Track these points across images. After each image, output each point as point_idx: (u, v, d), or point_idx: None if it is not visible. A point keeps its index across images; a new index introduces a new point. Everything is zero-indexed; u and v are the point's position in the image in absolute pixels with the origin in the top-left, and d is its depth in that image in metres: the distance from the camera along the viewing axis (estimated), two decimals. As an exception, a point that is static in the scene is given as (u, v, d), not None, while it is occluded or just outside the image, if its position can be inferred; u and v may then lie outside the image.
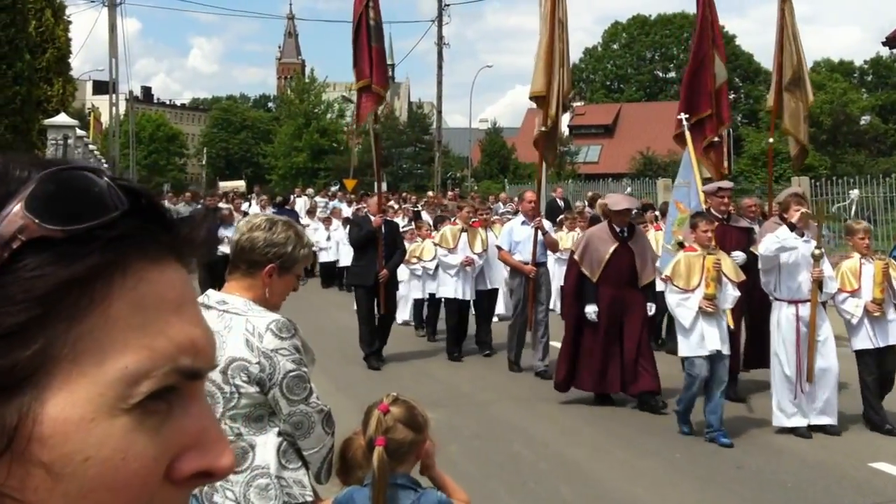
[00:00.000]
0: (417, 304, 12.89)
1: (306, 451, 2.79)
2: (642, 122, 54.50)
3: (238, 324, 2.74)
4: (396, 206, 19.61)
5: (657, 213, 13.30)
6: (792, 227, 7.23)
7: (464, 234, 10.88)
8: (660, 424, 7.69)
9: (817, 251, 7.17)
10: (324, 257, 18.95)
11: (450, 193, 26.11)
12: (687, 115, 10.67)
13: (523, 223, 10.14)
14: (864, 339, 7.46)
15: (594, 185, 29.76)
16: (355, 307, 13.80)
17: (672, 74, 72.07)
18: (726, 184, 9.16)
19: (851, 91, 55.95)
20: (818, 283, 7.17)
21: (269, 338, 2.71)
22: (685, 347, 7.23)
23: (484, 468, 6.45)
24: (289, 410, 2.72)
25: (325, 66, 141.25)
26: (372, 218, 10.48)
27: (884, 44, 19.49)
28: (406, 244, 11.56)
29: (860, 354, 7.51)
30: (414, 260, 12.17)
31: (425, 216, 17.51)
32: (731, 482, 6.23)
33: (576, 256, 8.61)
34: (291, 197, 25.90)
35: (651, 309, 8.47)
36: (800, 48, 10.20)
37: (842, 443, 7.07)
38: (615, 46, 71.35)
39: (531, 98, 10.22)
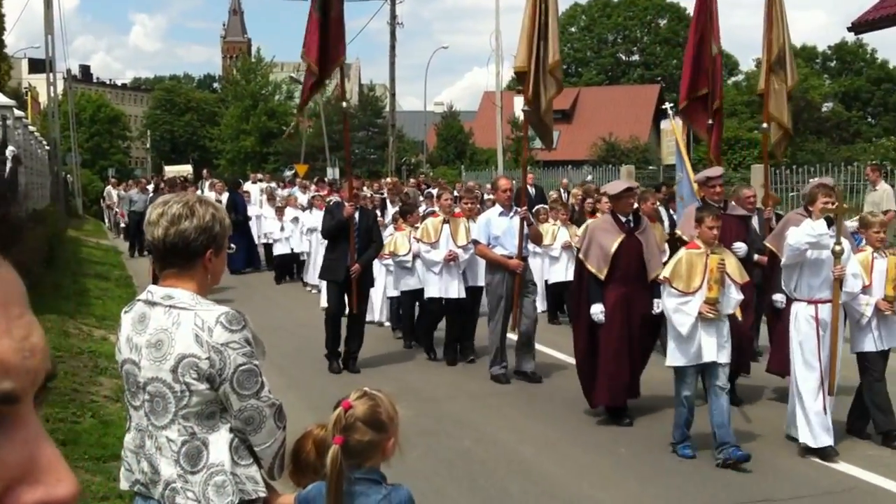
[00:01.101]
0: (394, 302, 12.36)
1: (258, 447, 2.81)
2: (603, 107, 54.92)
3: (187, 319, 2.75)
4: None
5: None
6: (830, 223, 6.77)
7: (446, 226, 10.41)
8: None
9: (838, 247, 6.74)
10: (278, 249, 18.35)
11: (411, 181, 25.81)
12: (672, 105, 10.77)
13: (501, 214, 9.57)
14: (870, 342, 7.23)
15: (553, 172, 30.02)
16: (322, 304, 13.63)
17: (636, 57, 72.75)
18: (714, 171, 8.74)
19: (813, 77, 56.90)
20: (839, 282, 6.82)
21: (220, 331, 2.72)
22: (677, 357, 6.80)
23: (433, 465, 6.73)
24: (239, 406, 2.75)
25: (272, 45, 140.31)
26: (346, 206, 9.83)
27: (849, 29, 19.83)
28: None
29: (864, 357, 7.27)
30: (387, 255, 11.54)
31: (389, 206, 16.62)
32: (674, 476, 6.60)
33: (580, 255, 8.14)
34: (243, 182, 25.52)
35: (657, 306, 7.77)
36: (787, 27, 10.03)
37: (785, 439, 7.43)
38: (573, 29, 71.75)
39: (516, 74, 9.80)
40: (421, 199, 17.69)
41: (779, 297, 8.04)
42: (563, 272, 12.75)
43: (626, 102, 55.68)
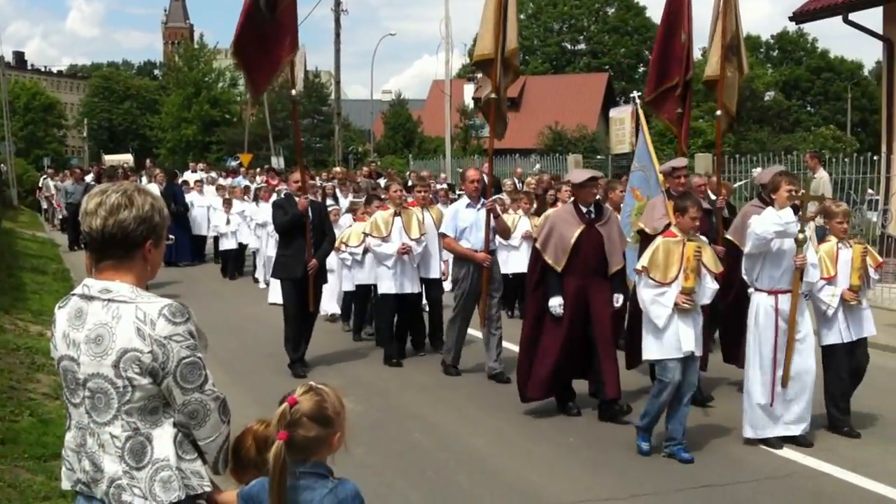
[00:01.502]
0: (347, 296, 12.02)
1: (202, 441, 2.80)
2: (550, 96, 55.25)
3: (127, 312, 2.71)
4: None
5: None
6: (796, 210, 6.73)
7: (397, 219, 10.11)
8: (555, 408, 8.08)
9: (801, 236, 6.74)
10: (224, 244, 17.81)
11: (364, 169, 25.49)
12: (640, 94, 10.64)
13: (468, 206, 9.39)
14: (836, 334, 7.20)
15: (501, 160, 30.11)
16: (270, 300, 13.32)
17: (581, 46, 73.27)
18: (680, 162, 8.75)
19: (756, 66, 57.92)
20: (800, 272, 6.83)
21: (163, 324, 2.69)
22: (657, 350, 6.71)
23: (382, 458, 6.75)
24: (183, 400, 2.73)
25: (215, 30, 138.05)
26: (297, 199, 9.52)
27: (790, 19, 20.31)
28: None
29: (830, 350, 7.23)
30: (343, 247, 11.20)
31: (340, 196, 16.13)
32: (622, 465, 6.70)
33: (538, 244, 7.93)
34: (180, 174, 25.06)
35: (618, 301, 7.82)
36: (738, 14, 9.83)
37: (730, 427, 7.59)
38: (521, 16, 72.09)
39: (475, 63, 9.53)
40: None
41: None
42: (523, 263, 12.55)
43: (573, 91, 56.11)
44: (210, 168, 28.04)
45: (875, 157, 14.70)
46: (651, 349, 6.75)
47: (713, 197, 9.45)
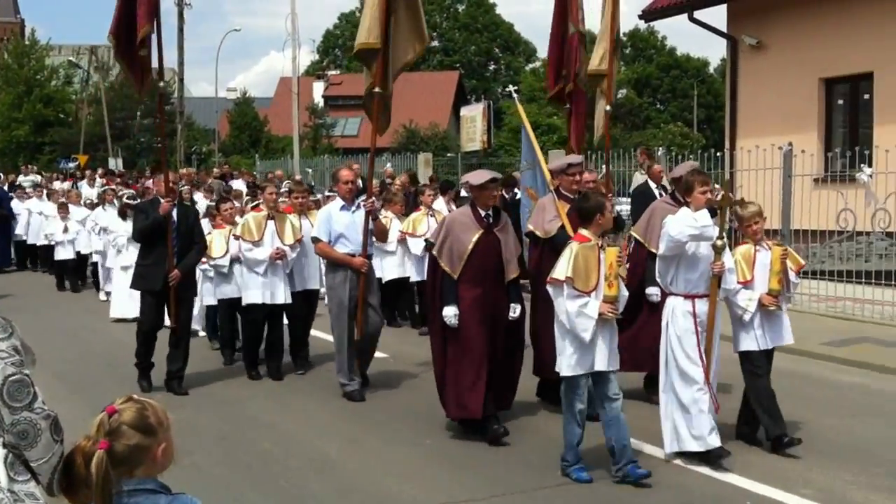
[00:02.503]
0: (210, 311, 11.29)
1: (34, 462, 2.73)
2: (405, 93, 55.43)
3: None
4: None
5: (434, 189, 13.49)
6: (713, 213, 6.51)
7: (270, 223, 9.63)
8: (412, 411, 8.15)
9: (719, 242, 6.46)
10: (60, 253, 16.67)
11: (215, 170, 24.75)
12: (516, 88, 10.55)
13: (343, 208, 8.91)
14: (752, 340, 6.93)
15: (353, 160, 30.06)
16: (112, 314, 12.89)
17: (435, 43, 73.94)
18: (576, 158, 8.29)
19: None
20: (718, 278, 6.55)
21: None
22: (572, 366, 6.25)
23: (231, 470, 6.62)
24: (11, 419, 2.66)
25: (48, 26, 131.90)
26: (162, 202, 8.85)
27: (640, 17, 21.26)
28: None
29: (746, 356, 6.99)
30: (205, 260, 10.35)
31: (199, 199, 15.15)
32: (481, 465, 6.78)
33: (434, 251, 7.55)
34: (2, 176, 23.95)
35: (515, 311, 7.45)
36: (617, 9, 10.05)
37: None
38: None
39: (356, 54, 9.01)
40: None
41: (653, 291, 7.81)
42: (400, 269, 12.40)
43: (425, 89, 56.61)
44: (29, 170, 26.91)
45: (719, 154, 15.44)
46: (570, 365, 6.27)
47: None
